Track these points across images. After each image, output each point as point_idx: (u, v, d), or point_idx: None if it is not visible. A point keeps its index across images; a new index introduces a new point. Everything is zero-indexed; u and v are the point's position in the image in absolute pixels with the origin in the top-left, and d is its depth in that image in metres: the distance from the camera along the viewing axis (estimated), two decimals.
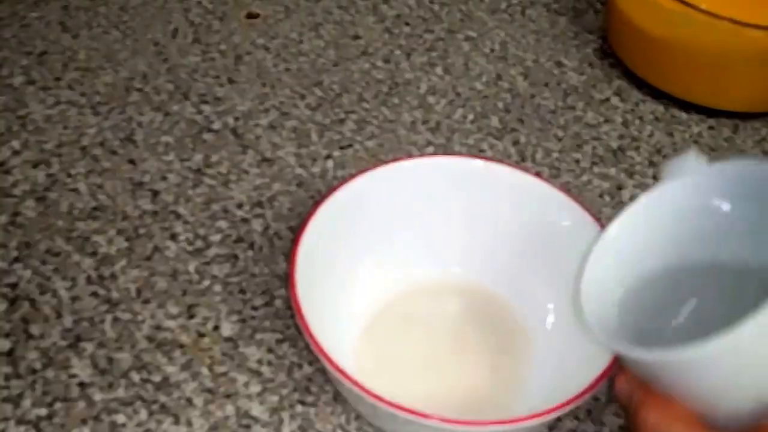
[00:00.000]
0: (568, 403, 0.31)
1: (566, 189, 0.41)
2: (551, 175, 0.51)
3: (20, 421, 0.37)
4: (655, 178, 0.52)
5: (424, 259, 0.42)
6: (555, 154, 0.53)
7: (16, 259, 0.44)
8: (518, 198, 0.41)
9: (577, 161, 0.52)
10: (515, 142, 0.54)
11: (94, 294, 0.43)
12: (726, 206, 0.31)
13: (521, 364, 0.38)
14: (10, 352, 0.40)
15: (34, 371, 0.39)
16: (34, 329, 0.41)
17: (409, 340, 0.39)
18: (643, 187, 0.51)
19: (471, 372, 0.38)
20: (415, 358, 0.39)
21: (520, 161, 0.52)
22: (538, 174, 0.42)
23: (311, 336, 0.33)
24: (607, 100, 0.58)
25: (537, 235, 0.41)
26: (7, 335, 0.41)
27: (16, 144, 0.51)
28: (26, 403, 0.38)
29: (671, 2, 0.52)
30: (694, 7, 0.51)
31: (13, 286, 0.43)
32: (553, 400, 0.32)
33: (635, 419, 0.28)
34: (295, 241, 0.37)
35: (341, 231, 0.39)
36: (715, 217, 0.31)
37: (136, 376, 0.39)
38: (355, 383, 0.32)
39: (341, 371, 0.32)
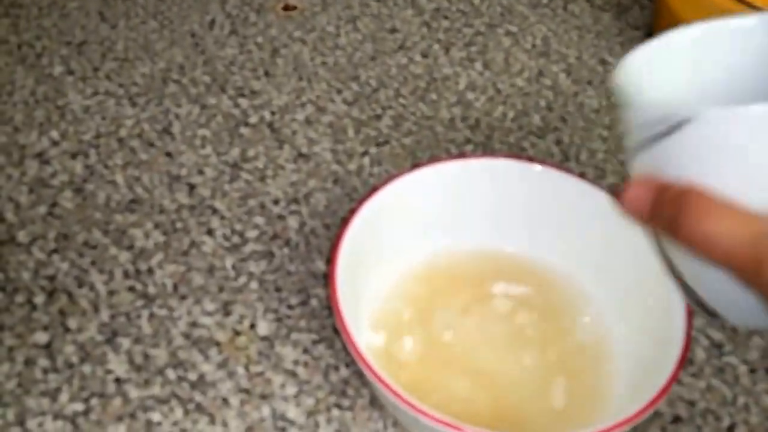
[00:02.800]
0: (614, 428, 0.30)
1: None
2: (596, 176, 0.50)
3: (57, 416, 0.37)
4: None
5: (468, 261, 0.41)
6: (600, 155, 0.52)
7: (54, 251, 0.44)
8: (567, 200, 0.40)
9: (623, 163, 0.51)
10: (558, 142, 0.53)
11: (131, 288, 0.43)
12: None
13: (566, 378, 0.37)
14: (47, 345, 0.40)
15: (71, 365, 0.39)
16: (72, 323, 0.41)
17: (451, 345, 0.38)
18: None
19: (520, 380, 0.37)
20: (458, 361, 0.38)
21: (564, 161, 0.51)
22: (582, 175, 0.41)
23: (352, 342, 0.33)
24: None
25: (584, 239, 0.40)
26: (45, 328, 0.41)
27: (54, 134, 0.51)
28: (63, 397, 0.38)
29: (727, 0, 0.50)
30: (751, 6, 0.49)
31: (51, 278, 0.43)
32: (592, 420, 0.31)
33: (674, 225, 0.25)
34: (335, 241, 0.37)
35: (383, 231, 0.39)
36: None
37: (172, 374, 0.39)
38: (395, 393, 0.31)
39: (382, 380, 0.31)
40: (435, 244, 0.41)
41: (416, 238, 0.41)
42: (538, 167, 0.41)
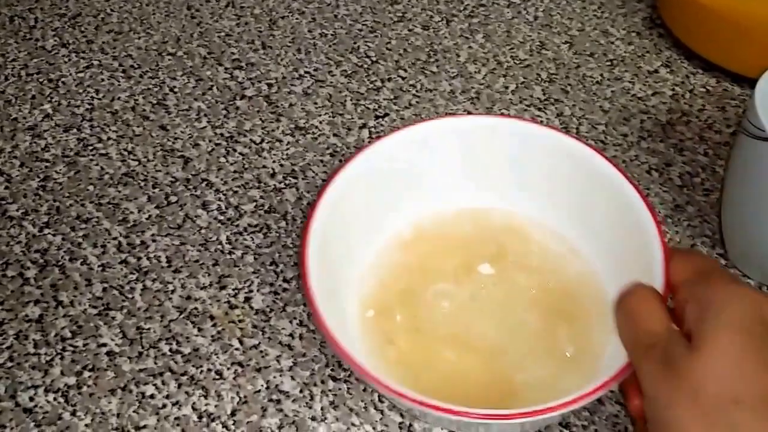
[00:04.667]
0: (594, 392, 0.29)
1: (615, 163, 0.38)
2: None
3: (48, 390, 0.37)
4: (706, 155, 0.49)
5: (456, 223, 0.40)
6: (601, 127, 0.51)
7: (46, 225, 0.44)
8: (554, 158, 0.38)
9: (624, 135, 0.50)
10: (559, 114, 0.52)
11: (124, 262, 0.42)
12: None
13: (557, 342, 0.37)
14: (39, 319, 0.39)
15: (63, 339, 0.39)
16: (64, 297, 0.40)
17: (446, 314, 0.37)
18: (693, 164, 0.49)
19: (518, 344, 0.36)
20: (444, 334, 0.37)
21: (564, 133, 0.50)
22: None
23: (328, 333, 0.31)
24: (656, 71, 0.55)
25: (580, 207, 0.39)
26: (36, 302, 0.40)
27: (47, 107, 0.51)
28: (55, 371, 0.37)
29: None
30: None
31: (44, 252, 0.42)
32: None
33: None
34: (311, 208, 0.36)
35: (364, 197, 0.37)
36: None
37: (165, 347, 0.38)
38: (369, 373, 0.29)
39: (361, 368, 0.30)
40: (421, 207, 0.40)
41: (401, 202, 0.39)
42: (523, 124, 0.39)
